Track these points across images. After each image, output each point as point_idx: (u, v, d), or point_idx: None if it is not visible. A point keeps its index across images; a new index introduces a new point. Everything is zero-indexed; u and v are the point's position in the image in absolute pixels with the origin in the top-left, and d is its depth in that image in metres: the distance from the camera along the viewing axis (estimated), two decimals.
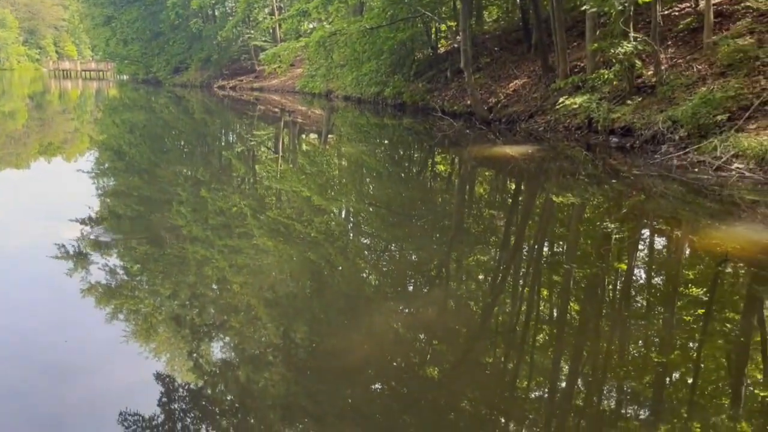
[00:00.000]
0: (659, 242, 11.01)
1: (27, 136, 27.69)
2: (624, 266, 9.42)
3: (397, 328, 7.59)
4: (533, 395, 6.31)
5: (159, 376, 6.40)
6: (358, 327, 7.49)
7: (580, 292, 8.68)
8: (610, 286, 8.91)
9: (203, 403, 6.05)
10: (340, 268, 9.85)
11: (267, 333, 7.42)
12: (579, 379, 6.43)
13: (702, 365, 6.56)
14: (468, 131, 24.86)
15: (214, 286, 8.95)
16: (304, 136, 29.13)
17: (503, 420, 5.77)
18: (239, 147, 25.02)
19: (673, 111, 17.34)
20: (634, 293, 8.58)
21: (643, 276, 9.24)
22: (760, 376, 6.36)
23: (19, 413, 5.60)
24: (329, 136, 28.26)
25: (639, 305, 8.15)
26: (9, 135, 27.32)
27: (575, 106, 21.08)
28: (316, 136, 29.07)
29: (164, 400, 6.01)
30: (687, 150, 15.98)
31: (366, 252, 10.94)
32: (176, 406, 6.02)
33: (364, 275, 9.63)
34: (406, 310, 8.08)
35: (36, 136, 27.98)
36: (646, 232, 11.38)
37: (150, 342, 7.21)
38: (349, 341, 7.11)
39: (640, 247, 10.55)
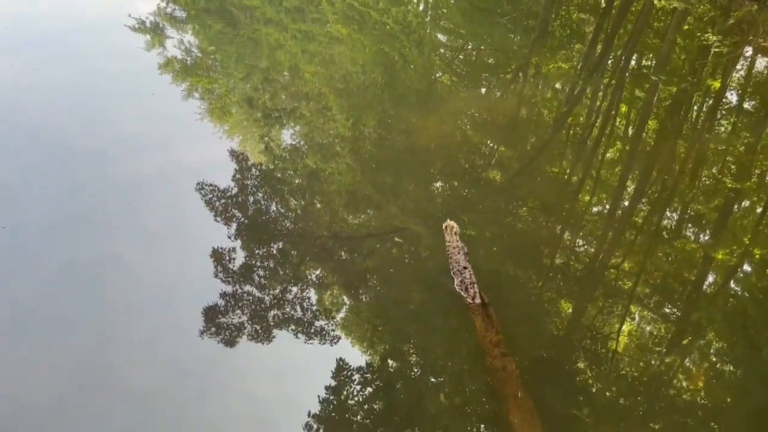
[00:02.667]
0: (762, 61, 10.07)
1: None
2: (717, 84, 8.77)
3: (465, 129, 7.54)
4: (594, 209, 6.34)
5: (233, 154, 6.70)
6: (427, 124, 7.47)
7: (662, 109, 8.24)
8: (696, 106, 8.41)
9: (273, 183, 6.38)
10: (414, 65, 9.58)
11: (336, 124, 7.52)
12: (643, 198, 6.37)
13: None
14: None
15: (286, 73, 8.94)
16: None
17: (559, 231, 5.88)
18: None
19: None
20: (720, 115, 8.09)
21: (735, 97, 8.63)
22: None
23: (100, 178, 6.06)
24: None
25: (723, 128, 7.72)
26: None
27: None
28: None
29: (238, 176, 6.36)
30: None
31: (442, 48, 10.53)
32: (249, 183, 6.37)
33: (438, 72, 9.38)
34: (477, 113, 7.95)
35: None
36: (749, 49, 10.38)
37: (224, 122, 7.46)
38: (416, 137, 7.14)
39: (740, 65, 9.71)
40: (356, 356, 4.51)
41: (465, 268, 4.71)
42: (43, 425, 3.64)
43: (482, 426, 4.01)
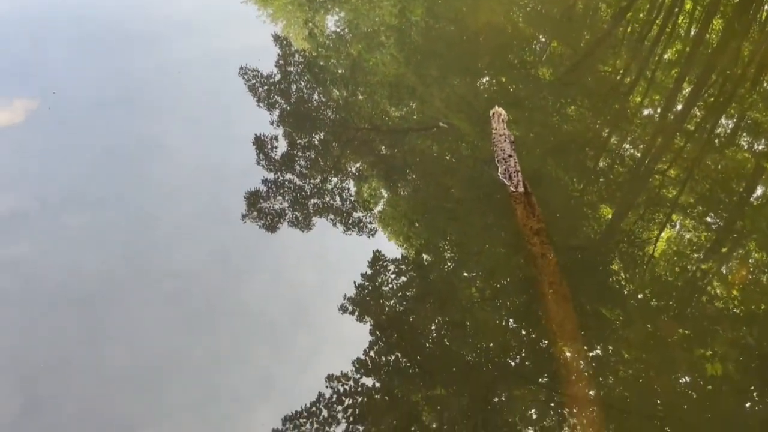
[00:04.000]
0: None
1: None
2: None
3: (516, 21, 7.20)
4: (645, 112, 6.11)
5: (277, 39, 6.58)
6: (476, 14, 7.15)
7: (730, 7, 7.70)
8: None
9: (315, 71, 6.28)
10: None
11: (382, 11, 7.26)
12: (698, 102, 6.10)
13: None
14: None
15: None
16: None
17: (606, 132, 5.71)
18: None
19: None
20: None
21: None
22: None
23: (145, 59, 6.05)
24: None
25: None
26: None
27: None
28: None
29: (280, 62, 6.27)
30: None
31: None
32: (291, 69, 6.29)
33: None
34: (530, 4, 7.56)
35: None
36: None
37: (267, 6, 7.26)
38: (464, 28, 6.87)
39: None
40: (392, 247, 4.59)
41: (510, 156, 4.65)
42: (91, 295, 3.86)
43: (518, 311, 4.11)
